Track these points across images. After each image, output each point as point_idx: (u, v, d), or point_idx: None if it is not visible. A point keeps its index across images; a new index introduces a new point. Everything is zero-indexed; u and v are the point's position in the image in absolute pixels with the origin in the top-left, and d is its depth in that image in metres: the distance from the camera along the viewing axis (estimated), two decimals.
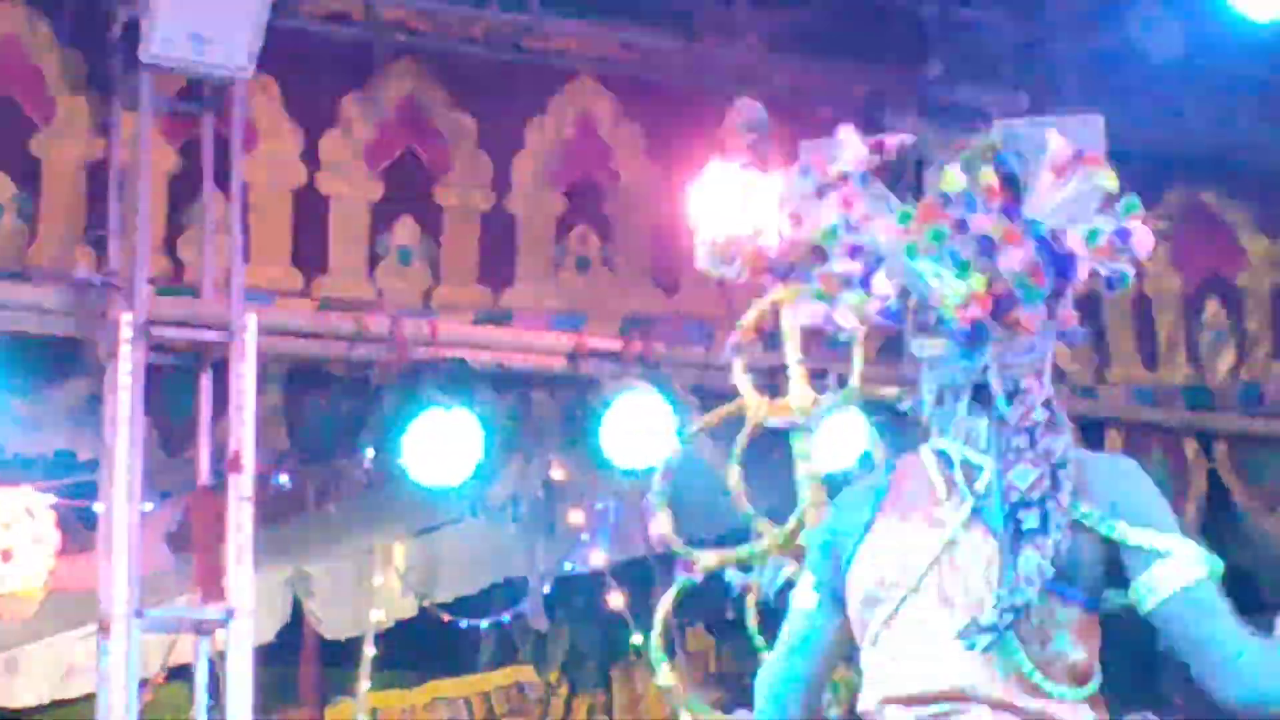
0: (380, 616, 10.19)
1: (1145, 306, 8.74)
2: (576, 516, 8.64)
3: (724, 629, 10.83)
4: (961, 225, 3.21)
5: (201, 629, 6.41)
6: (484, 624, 10.62)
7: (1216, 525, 8.51)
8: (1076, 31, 8.02)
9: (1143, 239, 3.21)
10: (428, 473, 7.19)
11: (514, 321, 7.58)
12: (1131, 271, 3.26)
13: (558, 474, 7.85)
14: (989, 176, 3.27)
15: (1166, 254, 8.45)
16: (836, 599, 3.34)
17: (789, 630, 3.51)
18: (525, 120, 7.49)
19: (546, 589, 9.47)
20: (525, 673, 12.38)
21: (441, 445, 7.15)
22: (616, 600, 9.13)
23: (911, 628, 3.22)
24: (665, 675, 5.24)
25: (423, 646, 11.86)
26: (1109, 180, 3.28)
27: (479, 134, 7.43)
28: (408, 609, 10.21)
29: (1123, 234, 3.23)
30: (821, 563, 3.46)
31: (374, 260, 7.42)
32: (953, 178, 3.25)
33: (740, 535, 5.94)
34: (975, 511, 3.14)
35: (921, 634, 3.22)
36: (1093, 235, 3.22)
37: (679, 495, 8.04)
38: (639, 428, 7.32)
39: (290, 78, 7.00)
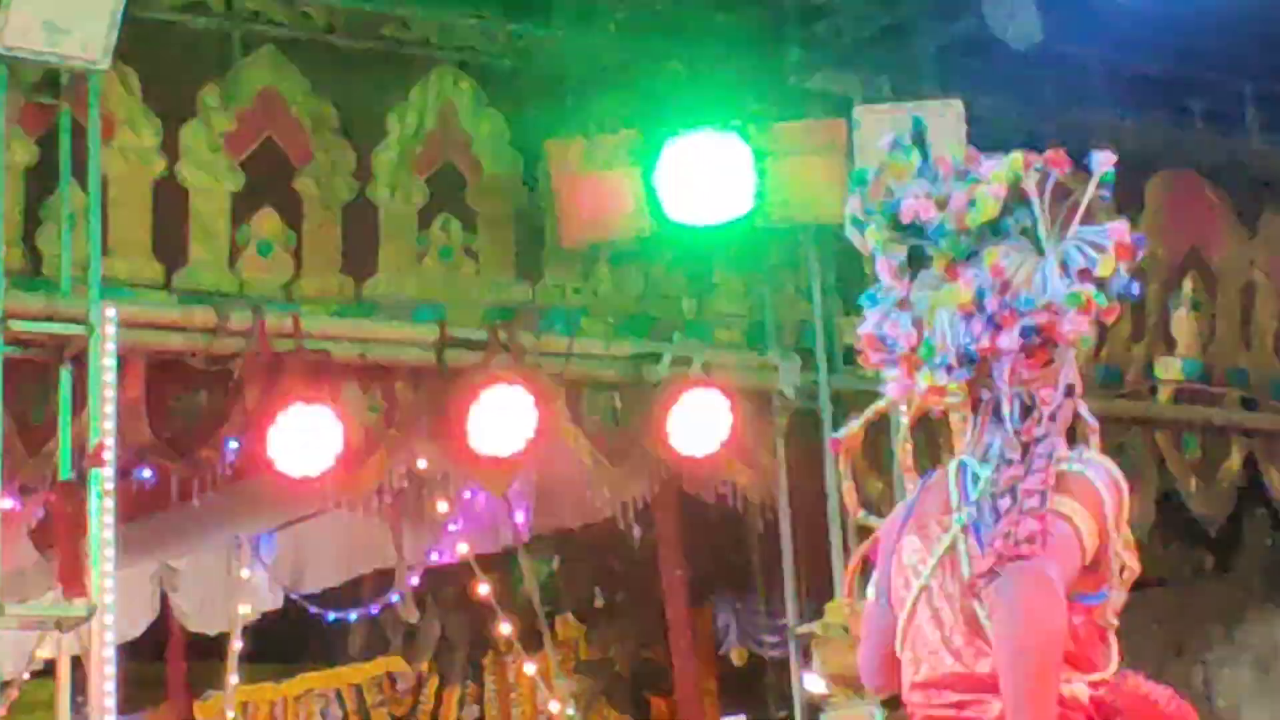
0: (247, 610, 10.15)
1: None
2: (443, 506, 8.69)
3: (593, 617, 11.11)
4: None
5: (64, 625, 6.38)
6: (352, 616, 10.72)
7: None
8: (937, 17, 8.12)
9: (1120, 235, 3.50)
10: (292, 465, 7.17)
11: (377, 313, 7.62)
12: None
13: (424, 464, 7.87)
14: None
15: None
16: (885, 594, 3.71)
17: (864, 623, 3.92)
18: (387, 109, 7.50)
19: (415, 580, 9.50)
20: (396, 663, 12.44)
21: (305, 437, 7.16)
22: (484, 589, 9.21)
23: (924, 623, 3.55)
24: None
25: (292, 639, 11.91)
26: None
27: (340, 123, 7.43)
28: (275, 602, 10.25)
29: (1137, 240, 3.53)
30: (879, 566, 3.78)
31: (235, 252, 7.42)
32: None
33: None
34: (971, 521, 3.44)
35: (930, 628, 3.56)
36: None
37: (547, 482, 8.32)
38: (504, 417, 7.39)
39: (148, 68, 6.94)
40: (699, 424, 7.35)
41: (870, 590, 3.94)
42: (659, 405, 7.88)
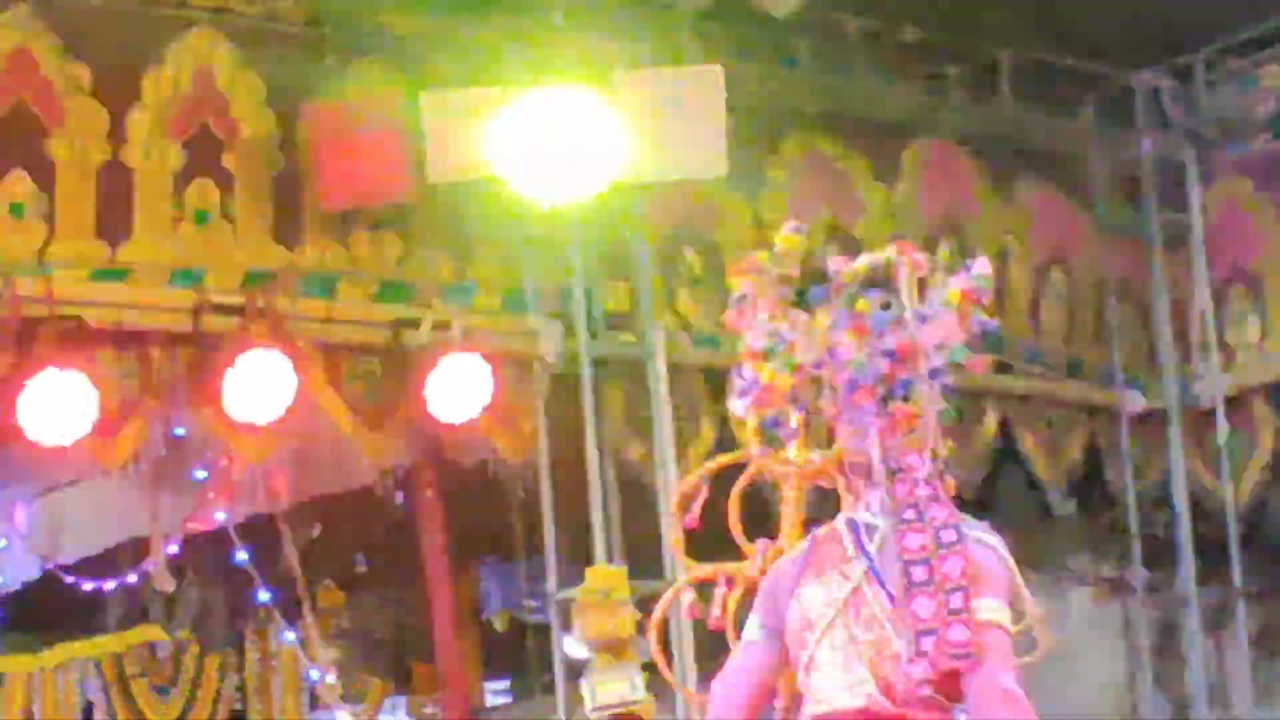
0: (4, 580, 10.20)
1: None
2: (201, 474, 8.77)
3: (354, 586, 11.26)
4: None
5: None
6: (110, 585, 10.63)
7: None
8: None
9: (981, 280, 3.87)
10: (44, 433, 7.25)
11: (132, 277, 7.66)
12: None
13: (181, 432, 7.96)
14: (861, 304, 3.86)
15: (786, 203, 8.98)
16: (774, 635, 4.04)
17: (739, 657, 4.22)
18: (142, 71, 7.49)
19: (174, 548, 9.53)
20: (155, 632, 12.30)
21: (59, 405, 7.24)
22: (243, 557, 9.29)
23: (830, 658, 3.91)
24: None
25: (50, 609, 11.77)
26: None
27: (93, 85, 7.43)
28: (32, 571, 10.24)
29: (978, 290, 3.89)
30: (765, 608, 4.15)
31: None
32: (863, 303, 3.87)
33: None
34: (871, 567, 3.83)
35: (836, 664, 3.92)
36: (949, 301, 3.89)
37: (306, 449, 8.50)
38: (262, 383, 7.54)
39: None
40: (459, 390, 7.51)
41: (753, 632, 4.23)
42: (419, 371, 8.03)
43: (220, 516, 9.36)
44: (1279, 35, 9.43)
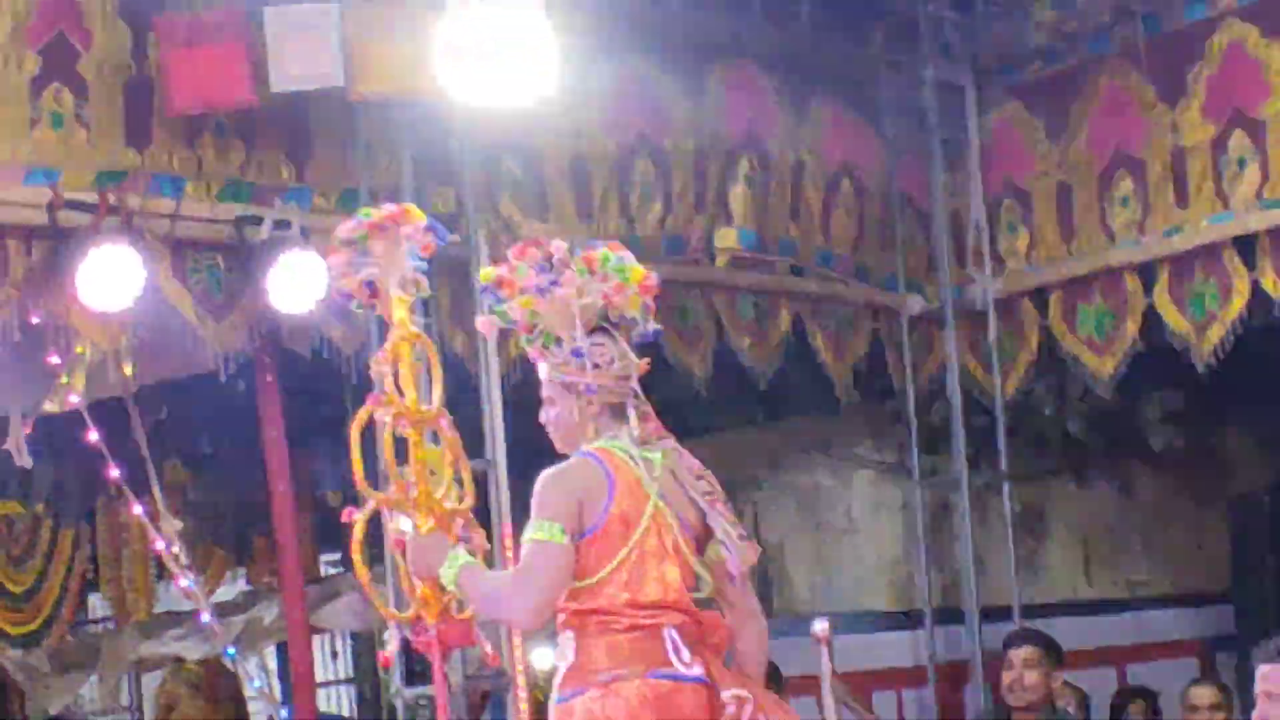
0: None
1: (582, 167, 9.24)
2: (54, 359, 8.81)
3: (198, 465, 11.36)
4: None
5: None
6: None
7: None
8: None
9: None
10: None
11: None
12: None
13: (37, 320, 8.03)
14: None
15: (599, 120, 9.17)
16: (572, 539, 4.66)
17: (546, 556, 4.72)
18: None
19: (28, 429, 9.60)
20: (12, 507, 12.53)
21: None
22: (95, 437, 9.36)
23: (639, 563, 4.74)
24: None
25: None
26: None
27: None
28: None
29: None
30: (569, 514, 4.72)
31: None
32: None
33: None
34: (662, 492, 4.72)
35: (650, 566, 4.77)
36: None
37: (154, 337, 8.59)
38: (113, 276, 7.62)
39: None
40: (297, 284, 7.62)
41: (556, 535, 4.72)
42: (259, 266, 8.12)
43: (74, 399, 9.35)
44: None
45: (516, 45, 7.56)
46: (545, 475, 4.89)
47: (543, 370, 4.99)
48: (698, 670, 4.85)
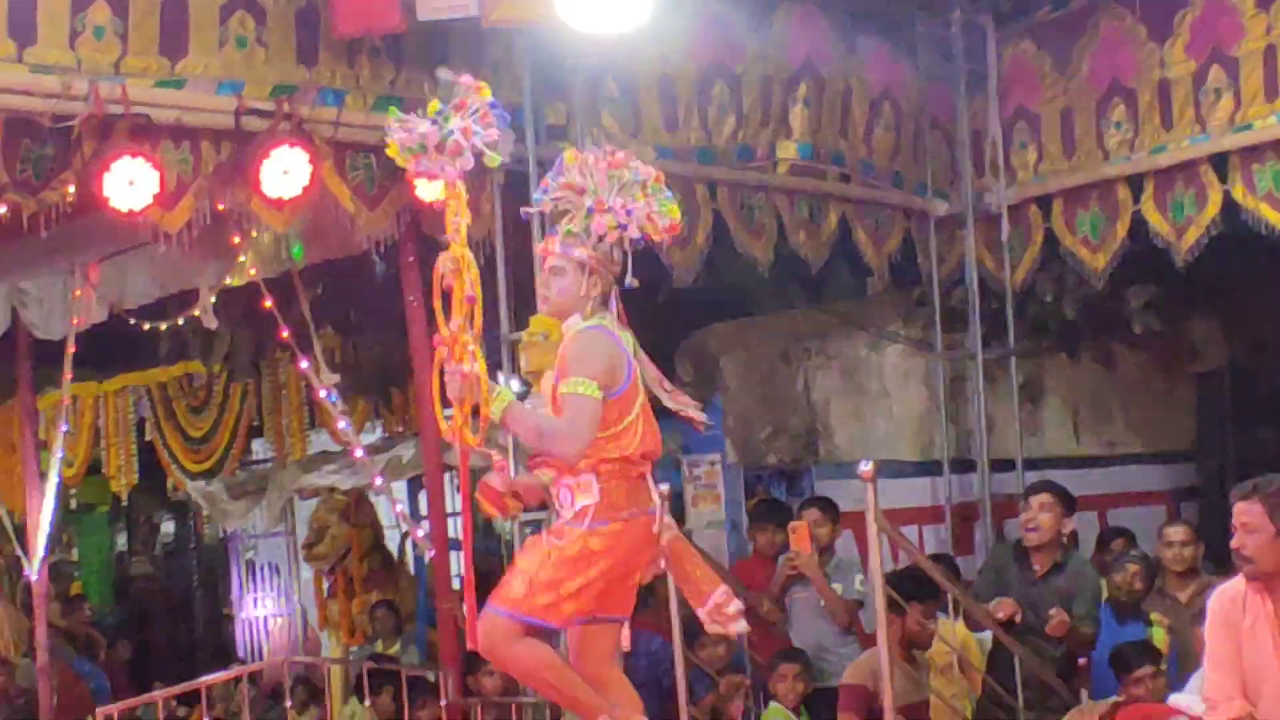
0: (79, 321, 10.21)
1: (669, 87, 9.21)
2: (236, 240, 9.00)
3: (349, 329, 11.58)
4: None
5: None
6: (162, 326, 10.87)
7: (715, 248, 9.44)
8: None
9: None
10: (120, 204, 7.45)
11: (188, 86, 7.78)
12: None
13: (223, 207, 8.12)
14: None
15: (683, 48, 9.10)
16: (604, 396, 4.92)
17: (592, 410, 4.91)
18: None
19: (213, 298, 9.79)
20: (194, 366, 12.71)
21: (130, 183, 7.42)
22: (268, 304, 9.57)
23: (644, 415, 5.08)
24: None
25: (114, 347, 12.04)
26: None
27: None
28: (102, 315, 10.32)
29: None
30: (604, 375, 4.95)
31: (74, 35, 7.43)
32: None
33: None
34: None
35: (647, 420, 5.10)
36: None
37: (317, 224, 8.52)
38: (286, 171, 7.75)
39: None
40: (434, 180, 7.63)
41: (594, 390, 4.90)
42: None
43: (251, 273, 9.53)
44: None
45: None
46: (582, 341, 5.04)
47: (558, 246, 5.13)
48: (657, 502, 5.24)
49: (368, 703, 9.61)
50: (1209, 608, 5.81)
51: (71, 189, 7.65)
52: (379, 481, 10.54)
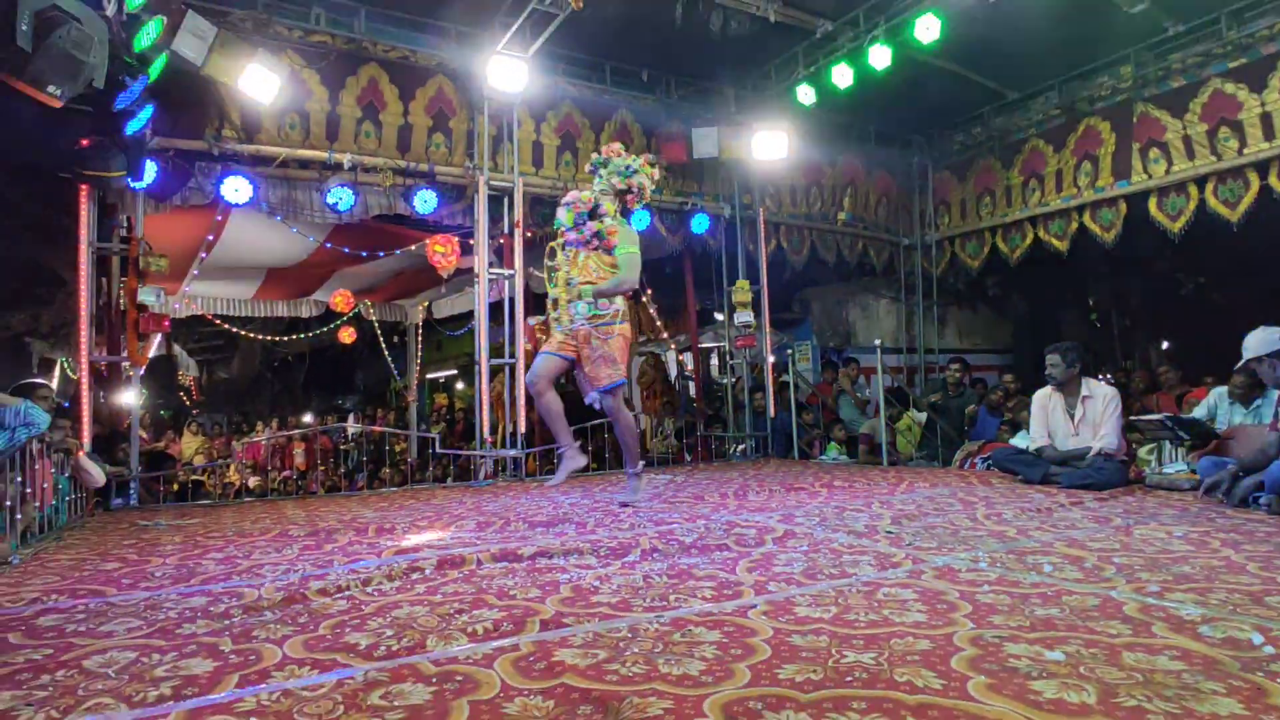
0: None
1: (795, 185, 9.21)
2: None
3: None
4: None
5: None
6: None
7: (810, 256, 9.46)
8: None
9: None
10: None
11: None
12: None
13: None
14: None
15: (799, 165, 8.94)
16: None
17: (639, 260, 4.07)
18: None
19: None
20: None
21: None
22: None
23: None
24: None
25: None
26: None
27: None
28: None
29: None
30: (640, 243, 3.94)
31: (557, 164, 7.30)
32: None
33: None
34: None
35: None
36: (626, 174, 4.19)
37: None
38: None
39: None
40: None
41: (639, 249, 4.08)
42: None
43: None
44: None
45: None
46: (627, 229, 4.26)
47: (607, 200, 4.38)
48: None
49: None
50: (1034, 400, 5.48)
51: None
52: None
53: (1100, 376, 8.90)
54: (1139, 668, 1.87)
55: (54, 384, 8.72)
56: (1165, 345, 11.21)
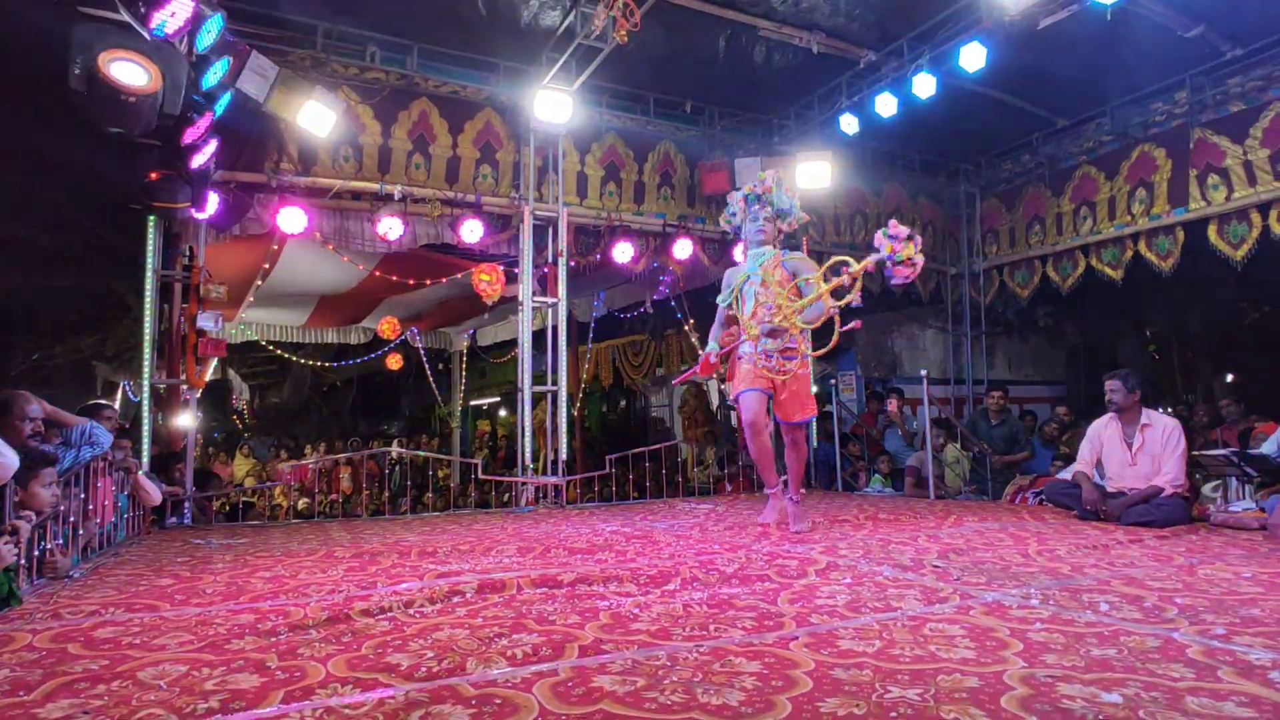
0: (594, 313, 9.95)
1: (839, 215, 9.48)
2: (663, 275, 8.67)
3: None
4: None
5: None
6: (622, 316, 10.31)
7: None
8: None
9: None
10: (620, 261, 7.28)
11: (645, 214, 7.61)
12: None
13: (654, 264, 7.76)
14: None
15: (844, 198, 8.98)
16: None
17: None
18: None
19: (650, 303, 9.33)
20: (639, 336, 11.58)
21: (624, 252, 7.34)
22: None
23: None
24: None
25: (608, 326, 11.01)
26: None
27: None
28: (603, 310, 9.99)
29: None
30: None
31: (602, 194, 7.40)
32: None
33: None
34: None
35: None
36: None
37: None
38: (683, 249, 7.64)
39: None
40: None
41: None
42: None
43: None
44: None
45: None
46: (801, 254, 4.49)
47: (764, 220, 4.52)
48: None
49: None
50: (1089, 431, 5.41)
51: (598, 255, 7.64)
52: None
53: (1160, 409, 8.81)
54: (1203, 713, 1.80)
55: (116, 405, 8.97)
56: (1230, 378, 11.03)
